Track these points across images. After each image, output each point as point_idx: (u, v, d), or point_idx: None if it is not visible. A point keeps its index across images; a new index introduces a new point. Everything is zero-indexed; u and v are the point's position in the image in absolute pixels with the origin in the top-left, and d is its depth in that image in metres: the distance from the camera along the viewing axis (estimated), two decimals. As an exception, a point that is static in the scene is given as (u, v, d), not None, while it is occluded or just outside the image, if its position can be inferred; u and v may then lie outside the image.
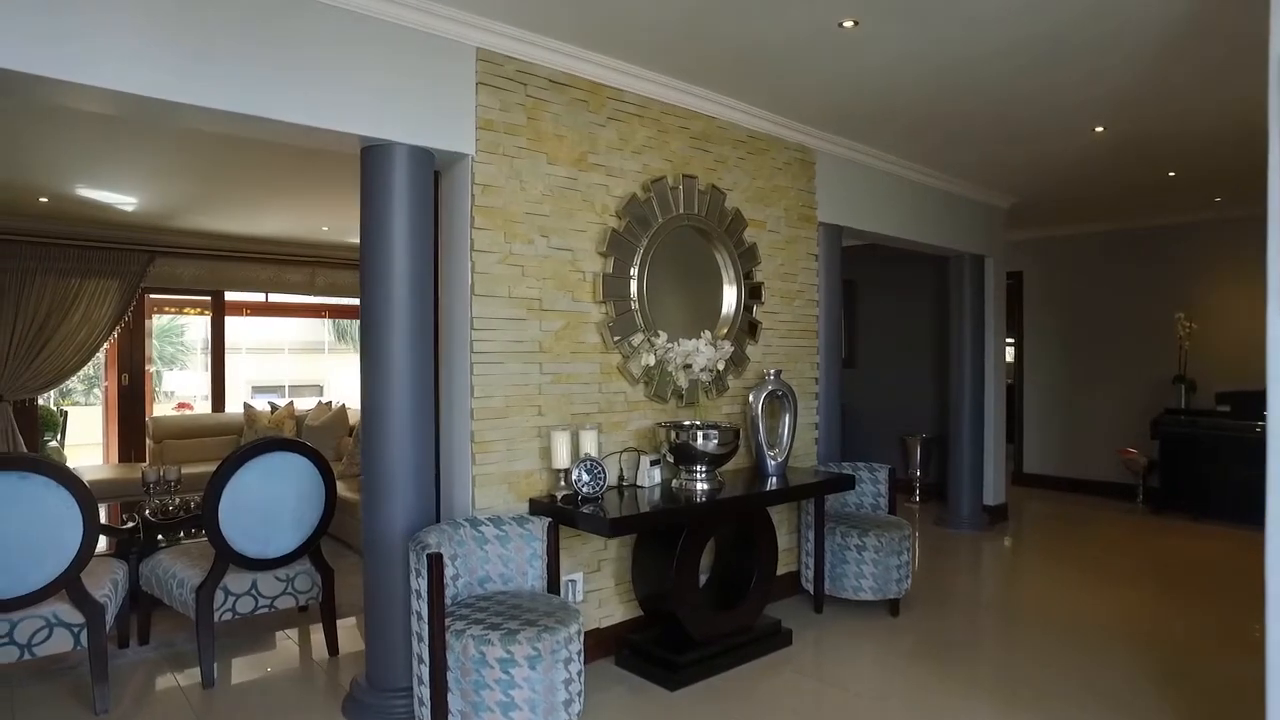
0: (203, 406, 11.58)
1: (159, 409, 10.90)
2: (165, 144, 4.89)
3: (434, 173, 3.42)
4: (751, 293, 4.58)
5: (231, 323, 9.04)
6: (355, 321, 13.49)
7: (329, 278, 9.11)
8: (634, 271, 3.96)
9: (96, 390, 10.96)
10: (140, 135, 4.68)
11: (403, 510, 3.25)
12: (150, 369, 8.71)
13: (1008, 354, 8.05)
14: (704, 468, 3.90)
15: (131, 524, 4.16)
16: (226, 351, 8.87)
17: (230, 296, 8.86)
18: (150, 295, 8.18)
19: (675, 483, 3.95)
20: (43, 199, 6.25)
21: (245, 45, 2.79)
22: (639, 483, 3.91)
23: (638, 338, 3.98)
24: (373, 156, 3.25)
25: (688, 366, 3.92)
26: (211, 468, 6.94)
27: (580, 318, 3.80)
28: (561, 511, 3.44)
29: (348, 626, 4.31)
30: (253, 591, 3.75)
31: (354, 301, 11.21)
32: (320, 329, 14.38)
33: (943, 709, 3.40)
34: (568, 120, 3.75)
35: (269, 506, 3.72)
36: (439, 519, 3.47)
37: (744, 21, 3.40)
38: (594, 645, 3.80)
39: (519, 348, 3.56)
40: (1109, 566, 5.66)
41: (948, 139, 5.16)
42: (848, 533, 4.57)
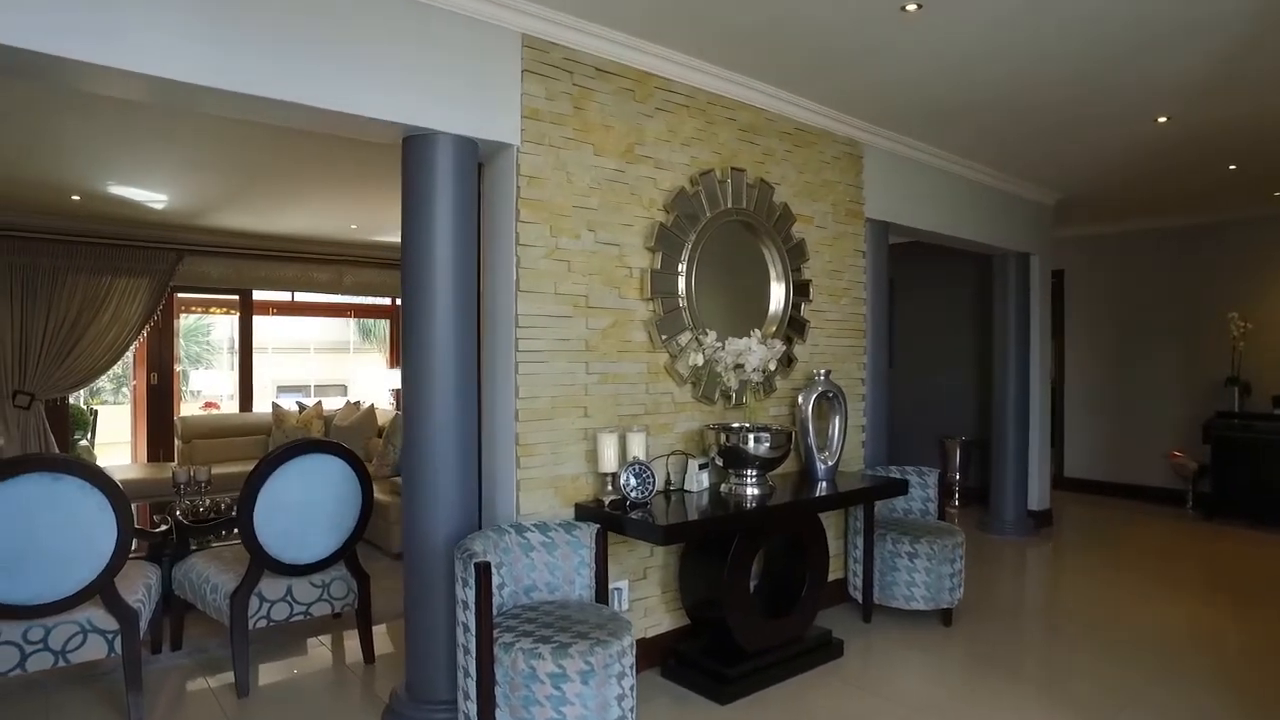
0: (229, 406, 11.55)
1: (186, 408, 10.87)
2: (198, 138, 4.79)
3: (477, 165, 3.29)
4: (799, 290, 4.42)
5: (258, 322, 8.98)
6: (380, 321, 13.47)
7: (356, 276, 9.03)
8: (682, 268, 3.81)
9: (125, 389, 10.95)
10: (173, 129, 4.60)
11: (444, 515, 3.13)
12: (178, 368, 8.66)
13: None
14: (755, 472, 3.74)
15: (164, 527, 4.05)
16: (253, 351, 8.81)
17: (258, 296, 8.80)
18: (178, 294, 8.12)
19: (724, 487, 3.80)
20: (75, 197, 6.19)
21: (284, 28, 2.67)
22: (687, 487, 3.77)
23: (685, 336, 3.83)
24: (415, 147, 3.12)
25: (739, 367, 3.76)
26: (240, 468, 6.96)
27: (627, 315, 3.65)
28: (610, 518, 3.30)
29: (381, 633, 4.19)
30: (288, 598, 3.63)
31: (380, 301, 11.16)
32: (344, 329, 14.32)
33: (1011, 728, 3.23)
34: (615, 110, 3.61)
35: (305, 510, 3.60)
36: (480, 524, 3.33)
37: (801, 6, 3.25)
38: (640, 656, 3.63)
39: (565, 346, 3.42)
40: (1163, 575, 5.44)
41: (1002, 131, 4.97)
42: (899, 539, 4.39)
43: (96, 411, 8.37)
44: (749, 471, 3.74)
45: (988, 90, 4.25)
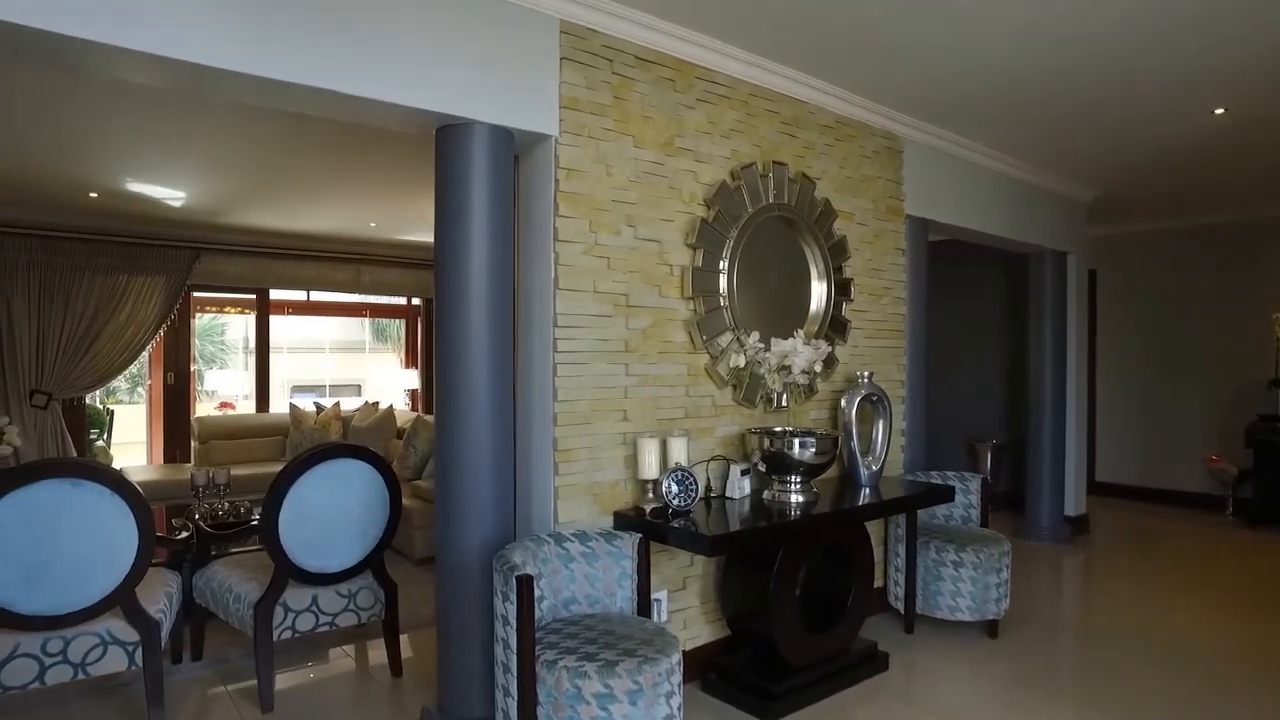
0: (243, 406, 11.45)
1: (200, 409, 10.77)
2: (218, 133, 4.66)
3: (513, 157, 3.14)
4: (840, 289, 4.25)
5: (273, 322, 8.85)
6: (395, 321, 13.35)
7: (375, 275, 8.90)
8: (723, 265, 3.65)
9: (140, 389, 10.86)
10: (193, 124, 4.47)
11: (479, 524, 2.98)
12: (193, 368, 8.55)
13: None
14: (799, 478, 3.58)
15: (186, 533, 3.92)
16: (255, 351, 8.68)
17: (274, 295, 8.68)
18: (195, 294, 8.00)
19: (767, 494, 3.64)
20: (92, 194, 6.08)
21: (315, 12, 2.53)
22: (728, 494, 3.61)
23: (726, 337, 3.67)
24: (450, 138, 2.98)
25: (783, 369, 3.60)
26: (258, 469, 6.85)
27: (667, 315, 3.50)
28: (651, 526, 3.15)
29: (405, 643, 4.05)
30: (313, 608, 3.49)
31: (396, 300, 11.05)
32: (358, 328, 14.22)
33: (1076, 751, 3.06)
34: (655, 101, 3.45)
35: (331, 517, 3.46)
36: (515, 533, 3.19)
37: (855, -12, 3.09)
38: (680, 670, 3.50)
39: (604, 347, 3.27)
40: (1209, 585, 5.24)
41: (1045, 125, 4.79)
42: (943, 547, 4.22)
43: (113, 411, 8.25)
44: (793, 478, 3.58)
45: (1034, 84, 4.08)
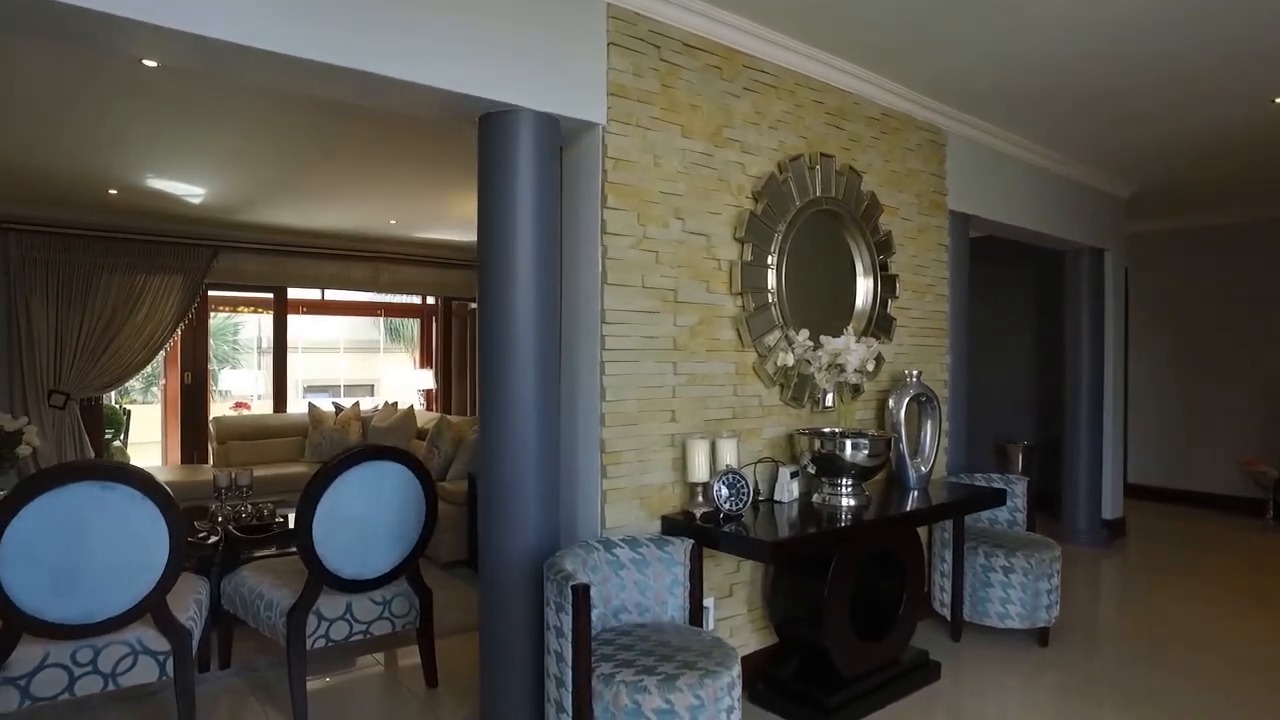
0: (258, 406, 11.36)
1: (215, 409, 10.68)
2: (243, 124, 4.54)
3: (559, 146, 3.01)
4: (886, 285, 4.12)
5: (289, 321, 8.74)
6: (408, 320, 13.24)
7: (393, 274, 8.79)
8: (771, 260, 3.52)
9: (154, 389, 10.78)
10: (219, 115, 4.35)
11: (525, 530, 2.86)
12: (210, 368, 8.45)
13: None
14: (850, 481, 3.45)
15: (215, 538, 3.80)
16: (273, 350, 8.56)
17: (292, 294, 8.58)
18: (211, 292, 7.90)
19: (816, 497, 3.50)
20: (112, 191, 5.98)
21: (363, -9, 2.40)
22: (777, 497, 3.48)
23: (775, 335, 3.54)
24: (494, 126, 2.85)
25: (833, 367, 3.47)
26: (277, 470, 6.74)
27: (715, 311, 3.37)
28: (703, 532, 3.02)
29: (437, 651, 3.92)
30: (347, 616, 3.36)
31: (411, 300, 10.94)
32: (371, 328, 14.12)
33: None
34: (702, 89, 3.32)
35: (367, 521, 3.33)
36: (559, 540, 3.06)
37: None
38: (728, 681, 3.36)
39: (653, 344, 3.14)
40: (1257, 593, 5.08)
41: (1090, 117, 4.64)
42: (992, 553, 4.08)
43: (130, 411, 8.16)
44: (844, 480, 3.45)
45: (1087, 76, 3.93)
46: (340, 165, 5.42)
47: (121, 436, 7.85)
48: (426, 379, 10.19)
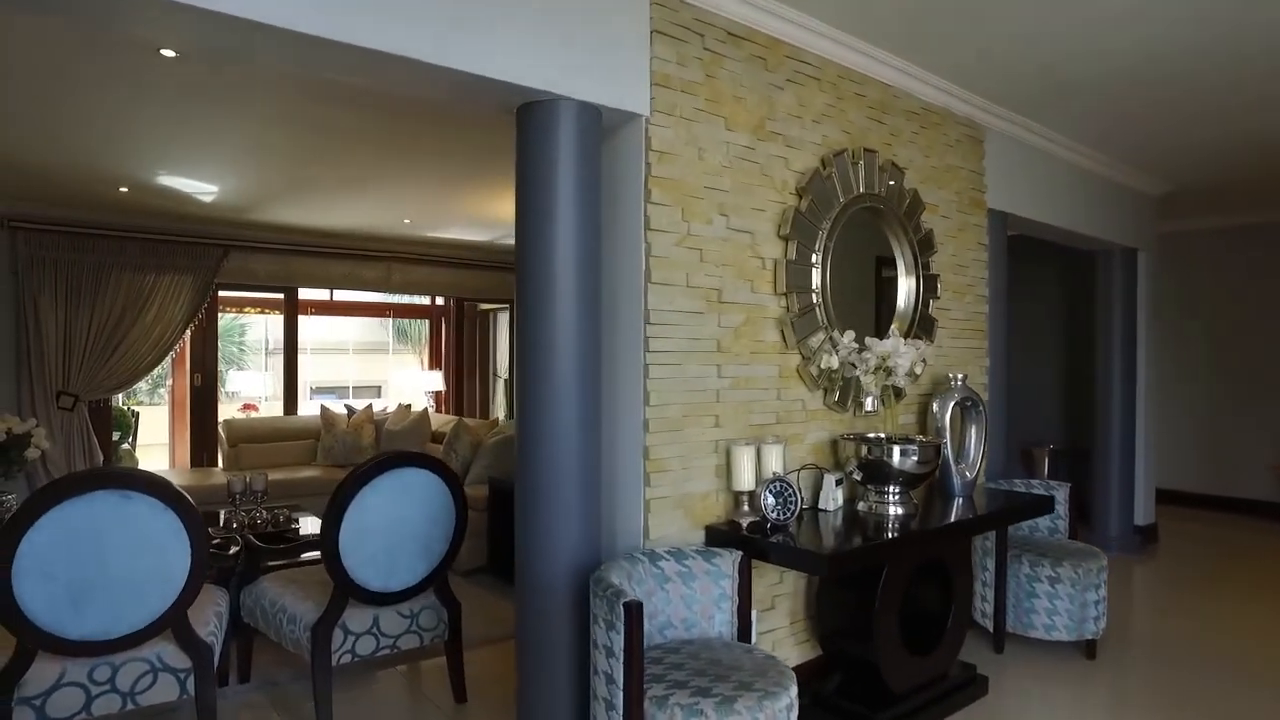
0: (266, 408, 11.22)
1: (223, 411, 10.54)
2: (261, 117, 4.39)
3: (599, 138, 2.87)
4: (928, 285, 3.97)
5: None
6: (415, 321, 13.10)
7: (405, 274, 8.64)
8: (815, 258, 3.38)
9: (161, 390, 10.64)
10: (236, 108, 4.20)
11: (566, 541, 2.71)
12: (220, 369, 8.31)
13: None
14: (898, 489, 3.31)
15: (236, 548, 3.66)
16: (283, 351, 8.40)
17: (301, 295, 8.45)
18: (222, 293, 7.75)
19: (862, 506, 3.36)
20: (123, 188, 5.84)
21: (406, -28, 2.27)
22: (822, 505, 3.33)
23: (819, 336, 3.40)
24: (533, 115, 2.71)
25: (881, 370, 3.32)
26: (290, 475, 6.59)
27: (759, 312, 3.23)
28: (750, 542, 2.88)
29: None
30: (374, 630, 3.22)
31: (420, 300, 10.80)
32: (379, 329, 13.99)
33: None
34: (746, 80, 3.18)
35: (395, 531, 3.19)
36: (600, 551, 2.91)
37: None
38: (771, 698, 3.22)
39: (697, 346, 2.99)
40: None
41: (1133, 113, 4.49)
42: (1037, 562, 3.94)
43: (138, 414, 8.01)
44: (891, 488, 3.30)
45: (1138, 63, 3.78)
46: (357, 160, 5.28)
47: (130, 439, 7.69)
48: (435, 380, 10.04)
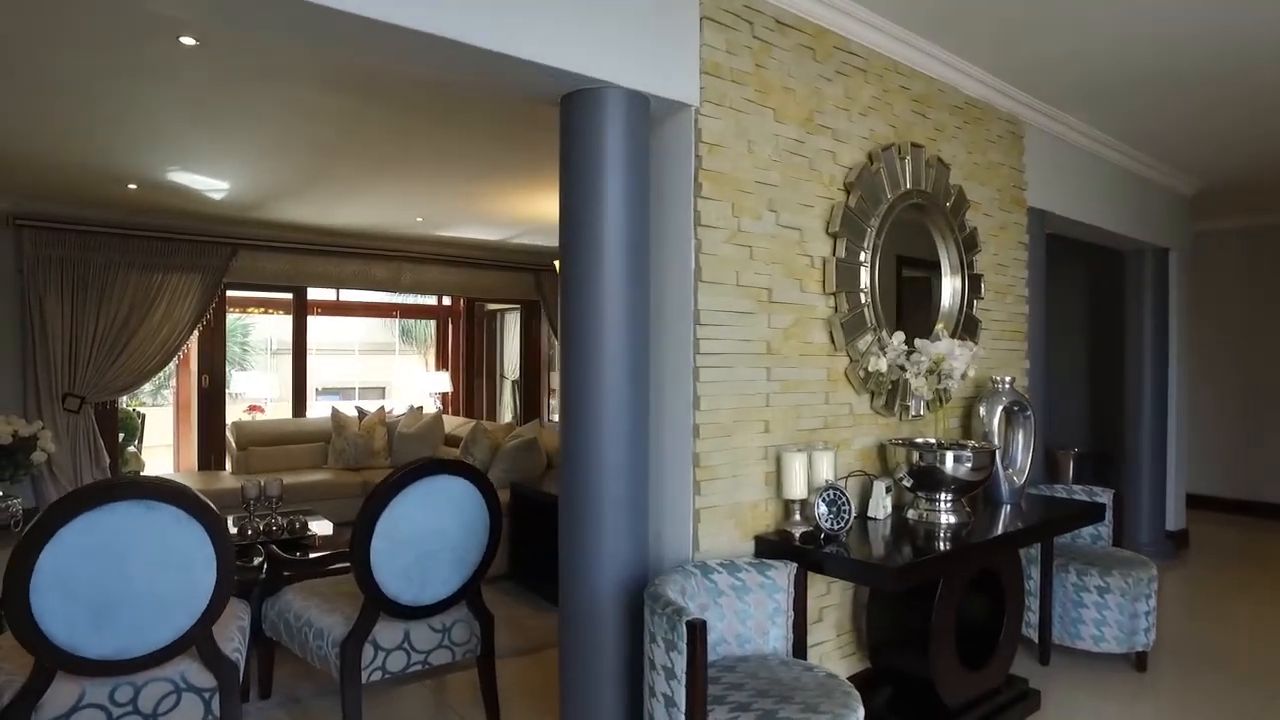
0: (271, 410, 11.06)
1: (229, 412, 10.38)
2: (279, 108, 4.23)
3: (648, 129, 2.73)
4: (972, 285, 3.84)
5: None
6: (420, 322, 12.94)
7: (416, 274, 8.49)
8: (864, 257, 3.24)
9: (164, 392, 10.48)
10: (253, 98, 4.05)
11: (614, 554, 2.58)
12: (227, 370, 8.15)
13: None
14: (950, 496, 3.17)
15: (259, 559, 3.52)
16: (292, 352, 8.25)
17: (312, 294, 8.30)
18: (230, 292, 7.60)
19: (912, 514, 3.22)
20: (132, 185, 5.69)
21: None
22: (870, 514, 3.20)
23: (868, 338, 3.26)
24: (579, 106, 2.58)
25: (932, 373, 3.18)
26: (300, 478, 6.43)
27: (808, 312, 3.09)
28: (804, 554, 2.74)
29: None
30: (405, 645, 3.07)
31: (426, 300, 10.65)
32: (385, 329, 13.84)
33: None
34: (795, 71, 3.05)
35: (428, 542, 3.04)
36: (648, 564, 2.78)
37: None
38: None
39: (747, 349, 2.86)
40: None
41: (1176, 107, 4.35)
42: (1085, 571, 3.81)
43: (144, 415, 7.86)
44: (943, 495, 3.17)
45: (1205, 62, 3.65)
46: (372, 155, 5.13)
47: (136, 442, 7.53)
48: (441, 381, 9.90)
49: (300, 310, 8.19)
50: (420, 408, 7.71)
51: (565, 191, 2.60)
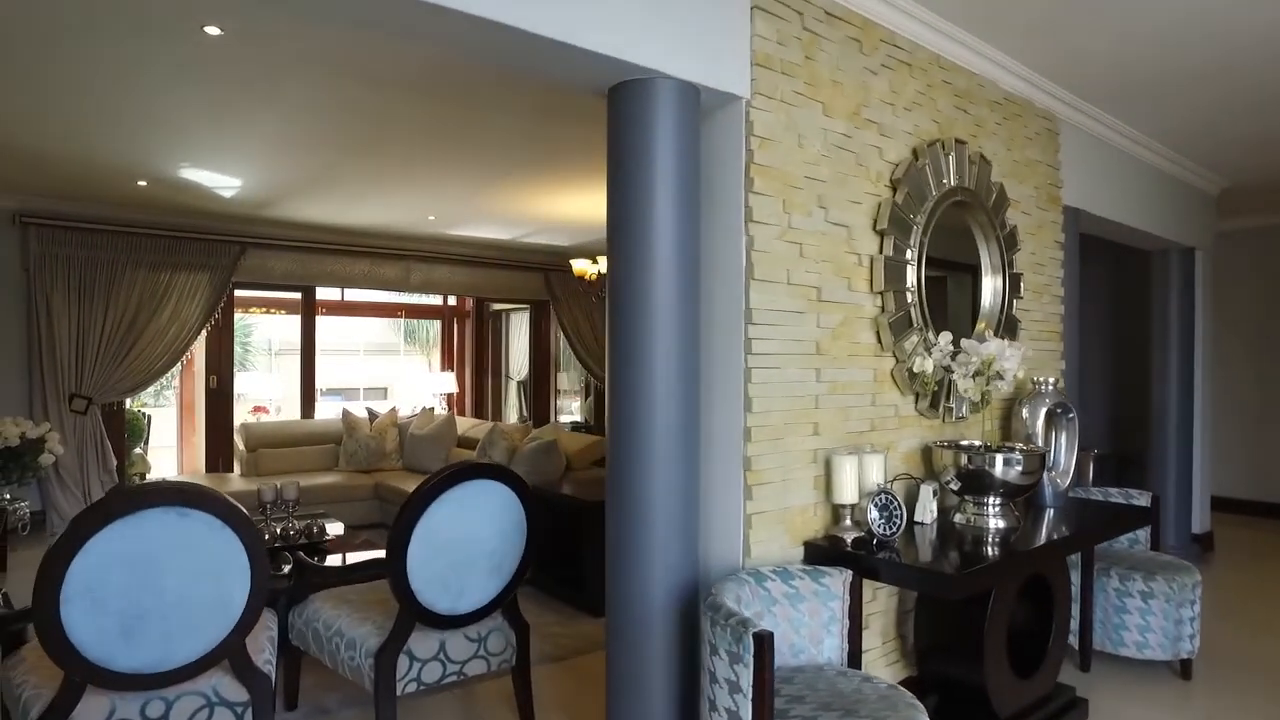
0: (277, 411, 10.93)
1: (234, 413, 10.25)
2: (301, 101, 4.13)
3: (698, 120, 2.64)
4: (1012, 284, 3.76)
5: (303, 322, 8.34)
6: (423, 322, 12.82)
7: (425, 274, 8.39)
8: (911, 255, 3.16)
9: (167, 393, 10.35)
10: (273, 90, 3.95)
11: (665, 562, 2.49)
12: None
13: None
14: (998, 500, 3.09)
15: (288, 567, 3.42)
16: (300, 352, 8.13)
17: (320, 294, 8.20)
18: (238, 292, 7.49)
19: (959, 518, 3.14)
20: (141, 182, 5.59)
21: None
22: (918, 518, 3.11)
23: (914, 338, 3.18)
24: (628, 96, 2.49)
25: (980, 375, 3.10)
26: (311, 481, 6.32)
27: (855, 311, 3.00)
28: (856, 559, 2.65)
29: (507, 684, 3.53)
30: (441, 656, 2.97)
31: (432, 300, 10.55)
32: (390, 330, 13.72)
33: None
34: (843, 64, 2.96)
35: (465, 548, 2.94)
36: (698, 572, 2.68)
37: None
38: None
39: (797, 348, 2.77)
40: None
41: (1218, 109, 4.29)
42: (1128, 576, 3.73)
43: (150, 416, 7.75)
44: (991, 499, 3.09)
45: (1250, 51, 3.58)
46: (388, 151, 5.03)
47: (143, 443, 7.42)
48: (447, 382, 9.79)
49: (309, 310, 8.08)
50: (430, 409, 7.61)
51: (614, 185, 2.51)
